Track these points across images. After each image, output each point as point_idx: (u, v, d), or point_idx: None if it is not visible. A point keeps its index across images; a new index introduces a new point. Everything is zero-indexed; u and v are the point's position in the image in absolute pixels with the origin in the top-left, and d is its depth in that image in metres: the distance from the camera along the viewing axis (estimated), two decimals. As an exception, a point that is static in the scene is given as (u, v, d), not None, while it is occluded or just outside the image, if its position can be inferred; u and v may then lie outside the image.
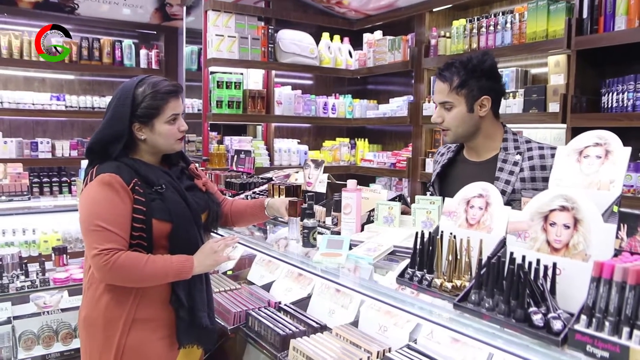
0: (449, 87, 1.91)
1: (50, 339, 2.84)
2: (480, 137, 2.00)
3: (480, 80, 1.90)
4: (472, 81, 1.89)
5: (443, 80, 1.93)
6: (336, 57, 4.92)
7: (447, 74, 1.92)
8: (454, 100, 1.92)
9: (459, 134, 1.98)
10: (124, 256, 1.71)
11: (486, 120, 1.97)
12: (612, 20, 2.88)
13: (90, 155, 1.90)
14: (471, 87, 1.90)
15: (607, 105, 2.97)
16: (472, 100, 1.91)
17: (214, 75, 4.29)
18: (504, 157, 1.95)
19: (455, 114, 1.93)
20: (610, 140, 1.45)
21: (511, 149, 1.96)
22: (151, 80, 1.89)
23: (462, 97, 1.91)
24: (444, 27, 4.18)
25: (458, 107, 1.92)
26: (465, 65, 1.89)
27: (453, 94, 1.91)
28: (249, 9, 4.44)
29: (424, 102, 4.21)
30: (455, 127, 1.95)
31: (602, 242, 1.13)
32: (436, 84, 1.99)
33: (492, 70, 1.93)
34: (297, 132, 5.20)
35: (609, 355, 0.93)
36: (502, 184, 1.91)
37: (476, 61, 1.90)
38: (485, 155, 2.03)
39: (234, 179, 3.04)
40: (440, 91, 1.95)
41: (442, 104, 1.95)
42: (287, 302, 2.31)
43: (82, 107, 4.82)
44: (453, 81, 1.90)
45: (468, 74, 1.89)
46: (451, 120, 1.95)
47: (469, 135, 1.99)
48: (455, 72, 1.90)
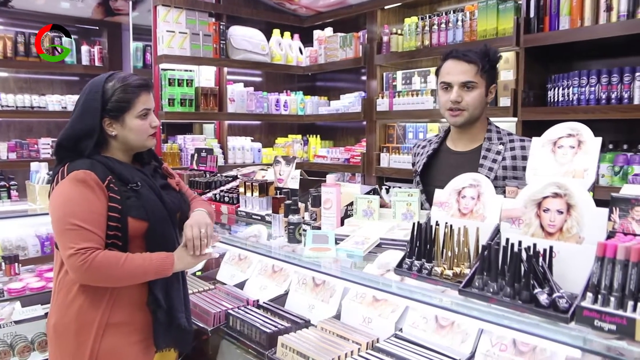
0: (476, 68, 2.00)
1: (5, 354, 2.66)
2: (477, 123, 2.10)
3: (494, 69, 2.06)
4: (491, 69, 2.03)
5: (468, 61, 2.00)
6: (287, 53, 4.92)
7: (473, 56, 2.01)
8: (478, 82, 2.01)
9: (473, 115, 2.05)
10: (101, 255, 1.65)
11: (486, 108, 2.10)
12: (556, 19, 3.07)
13: (59, 153, 1.81)
14: (489, 73, 2.04)
15: (553, 100, 3.17)
16: (489, 84, 2.05)
17: (166, 72, 4.17)
18: (488, 146, 2.06)
19: (476, 95, 2.02)
20: (582, 131, 1.55)
21: (494, 139, 2.08)
22: (120, 75, 1.84)
23: (484, 80, 2.02)
24: (395, 24, 4.29)
25: (479, 89, 2.02)
26: (487, 54, 2.02)
27: (478, 75, 2.01)
28: (200, 5, 4.35)
29: (378, 97, 4.29)
30: (473, 109, 2.03)
31: (594, 225, 1.22)
32: (454, 65, 2.03)
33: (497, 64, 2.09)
34: (249, 129, 5.15)
35: (616, 328, 1.01)
36: (485, 170, 2.02)
37: (493, 52, 2.04)
38: (470, 145, 2.12)
39: (197, 177, 2.98)
40: (464, 72, 2.01)
41: (465, 84, 2.01)
42: (264, 299, 2.30)
43: (19, 106, 4.54)
44: (479, 64, 2.00)
45: (489, 61, 2.02)
46: (471, 100, 2.02)
47: (476, 119, 2.07)
48: (479, 56, 2.01)
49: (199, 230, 1.80)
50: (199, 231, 1.79)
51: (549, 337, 1.08)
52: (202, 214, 1.91)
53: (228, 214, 2.65)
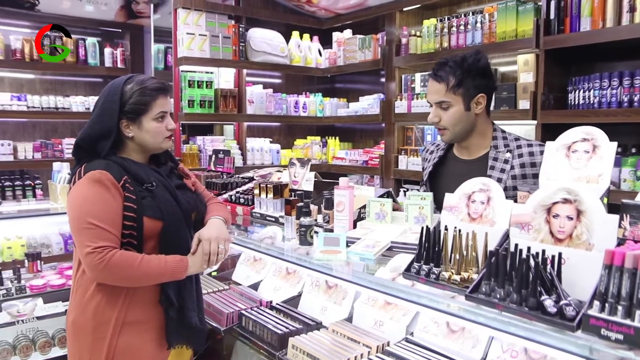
0: (445, 87, 1.93)
1: (27, 348, 2.74)
2: (474, 135, 2.03)
3: (475, 78, 1.93)
4: (468, 80, 1.92)
5: (439, 80, 1.95)
6: (306, 55, 4.94)
7: (443, 73, 1.93)
8: (451, 100, 1.94)
9: (456, 133, 2.00)
10: (118, 255, 1.68)
11: (480, 118, 2.01)
12: (577, 21, 3.02)
13: (78, 153, 1.86)
14: (467, 86, 1.92)
15: (574, 102, 3.12)
16: (468, 99, 1.94)
17: (185, 74, 4.23)
18: (495, 155, 2.00)
19: (452, 113, 1.96)
20: (597, 135, 1.53)
21: (501, 147, 2.01)
22: (139, 77, 1.88)
23: (459, 96, 1.93)
24: (414, 26, 4.27)
25: (455, 107, 1.95)
26: (461, 65, 1.92)
27: (450, 93, 1.93)
28: (219, 7, 4.40)
29: (396, 99, 4.28)
30: (452, 127, 1.98)
31: (605, 231, 1.20)
32: (430, 84, 2.00)
33: (486, 68, 1.97)
34: (268, 131, 5.19)
35: (624, 338, 0.99)
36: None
37: (471, 60, 1.92)
38: (476, 153, 2.07)
39: (214, 179, 3.02)
40: (436, 91, 1.96)
41: (439, 104, 1.97)
42: (278, 301, 2.32)
43: (44, 107, 4.65)
44: (450, 81, 1.92)
45: (464, 73, 1.91)
46: (448, 119, 1.97)
47: (466, 133, 2.02)
48: (451, 71, 1.92)
49: (217, 246, 1.83)
50: (216, 247, 1.83)
51: (554, 346, 1.07)
52: (220, 224, 1.93)
53: (243, 215, 2.68)
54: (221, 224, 1.95)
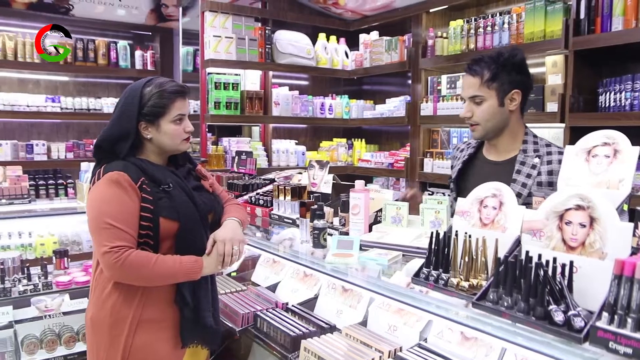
0: (480, 80, 1.92)
1: (53, 342, 2.82)
2: (505, 134, 2.00)
3: (510, 74, 1.91)
4: (503, 74, 1.90)
5: (473, 74, 1.94)
6: (332, 57, 4.94)
7: (478, 67, 1.93)
8: (484, 94, 1.93)
9: (488, 129, 1.98)
10: (134, 254, 1.71)
11: (513, 116, 1.98)
12: (609, 20, 2.92)
13: (98, 154, 1.90)
14: (502, 80, 1.91)
15: (605, 105, 3.02)
16: (503, 94, 1.92)
17: (212, 76, 4.29)
18: (523, 159, 1.96)
19: (485, 108, 1.94)
20: (619, 139, 1.48)
21: (530, 151, 1.97)
22: (158, 80, 1.91)
23: (494, 90, 1.92)
24: (441, 28, 4.21)
25: (489, 101, 1.93)
26: (497, 59, 1.91)
27: (484, 87, 1.92)
28: (246, 10, 4.44)
29: (422, 102, 4.23)
30: (485, 122, 1.96)
31: (618, 240, 1.15)
32: (465, 78, 1.99)
33: (522, 64, 1.95)
34: (294, 132, 5.20)
35: (632, 352, 0.95)
36: (518, 186, 1.92)
37: (507, 55, 1.92)
38: (505, 155, 2.03)
39: (236, 180, 3.04)
40: (470, 85, 1.95)
41: (472, 98, 1.96)
42: (294, 302, 2.32)
43: (77, 108, 4.79)
44: (484, 75, 1.91)
45: (499, 67, 1.90)
46: (481, 114, 1.95)
47: (497, 130, 1.99)
48: (486, 65, 1.91)
49: (231, 247, 1.85)
50: (231, 248, 1.84)
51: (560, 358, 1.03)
52: (235, 226, 1.95)
53: (262, 217, 2.69)
54: (236, 225, 1.96)
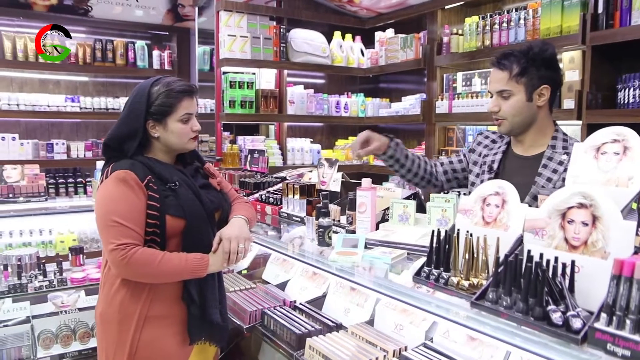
0: (508, 74, 1.89)
1: (68, 338, 2.88)
2: (532, 130, 1.97)
3: (540, 69, 1.88)
4: (532, 69, 1.87)
5: (502, 68, 1.91)
6: (348, 55, 4.92)
7: (507, 62, 1.90)
8: (513, 89, 1.90)
9: (515, 124, 1.94)
10: (140, 251, 1.73)
11: (542, 112, 1.95)
12: (628, 14, 2.84)
13: (106, 152, 1.93)
14: (531, 75, 1.88)
15: (624, 101, 2.94)
16: (531, 88, 1.89)
17: (227, 75, 4.31)
18: (550, 154, 1.93)
19: (513, 102, 1.91)
20: (629, 136, 1.44)
21: (559, 147, 1.93)
22: (166, 79, 1.93)
23: (522, 85, 1.89)
24: (456, 25, 4.16)
25: (517, 96, 1.90)
26: (526, 54, 1.88)
27: (512, 82, 1.89)
28: (261, 9, 4.45)
29: (437, 100, 4.19)
30: (512, 117, 1.92)
31: (621, 239, 1.12)
32: (493, 73, 1.96)
33: (552, 59, 1.92)
34: (309, 131, 5.20)
35: (631, 354, 0.92)
36: (543, 180, 1.89)
37: (537, 49, 1.88)
38: (532, 150, 2.00)
39: (247, 178, 3.06)
40: (498, 80, 1.92)
41: (500, 93, 1.93)
42: (303, 301, 2.31)
43: (96, 108, 4.88)
44: (513, 69, 1.88)
45: (529, 61, 1.87)
46: (508, 109, 1.92)
47: (525, 126, 1.95)
48: (515, 60, 1.89)
49: (237, 245, 1.85)
50: (236, 246, 1.85)
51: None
52: (242, 223, 1.95)
53: (272, 215, 2.70)
54: (243, 223, 1.96)
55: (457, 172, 2.29)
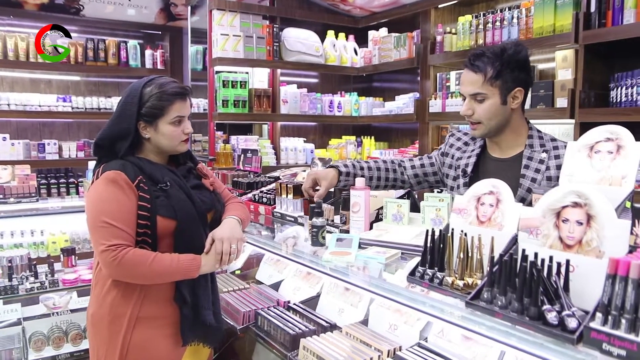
0: (482, 77, 1.83)
1: (60, 339, 2.85)
2: (507, 131, 1.93)
3: (514, 71, 1.83)
4: (506, 72, 1.82)
5: (476, 70, 1.85)
6: (341, 55, 4.91)
7: (480, 64, 1.84)
8: (487, 92, 1.84)
9: (491, 127, 1.90)
10: (131, 252, 1.72)
11: (515, 114, 1.91)
12: (620, 13, 2.86)
13: (97, 152, 1.91)
14: (506, 78, 1.83)
15: (616, 100, 2.95)
16: (506, 92, 1.85)
17: (220, 74, 4.29)
18: (530, 154, 1.90)
19: (488, 106, 1.86)
20: (622, 135, 1.43)
21: (537, 146, 1.91)
22: (160, 80, 1.90)
23: (497, 88, 1.84)
24: (450, 23, 4.16)
25: (491, 99, 1.85)
26: (500, 55, 1.83)
27: (487, 85, 1.83)
28: (254, 8, 4.43)
29: (431, 99, 4.19)
30: (487, 120, 1.88)
31: (616, 238, 1.11)
32: (466, 74, 1.90)
33: (526, 61, 1.88)
34: (303, 130, 5.19)
35: (626, 354, 0.92)
36: (528, 181, 1.87)
37: (511, 51, 1.83)
38: (509, 152, 1.97)
39: (241, 178, 3.04)
40: (472, 82, 1.86)
41: (474, 96, 1.87)
42: (296, 301, 2.30)
43: (88, 108, 4.84)
44: (487, 72, 1.83)
45: (503, 64, 1.82)
46: (483, 112, 1.87)
47: (500, 128, 1.91)
48: (489, 62, 1.83)
49: (229, 245, 1.84)
50: (229, 247, 1.83)
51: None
52: (234, 224, 1.93)
53: (265, 215, 2.68)
54: (235, 223, 1.95)
55: (427, 175, 2.25)
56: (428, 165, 2.25)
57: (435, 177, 2.24)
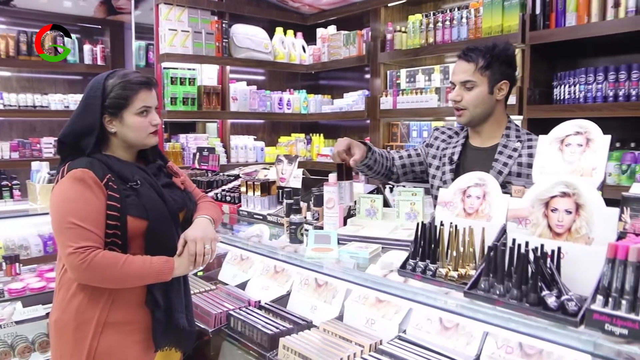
0: (474, 66, 2.00)
1: (6, 354, 2.64)
2: (489, 122, 2.09)
3: (502, 65, 2.01)
4: (496, 64, 1.99)
5: (468, 60, 2.01)
6: (290, 52, 4.89)
7: (473, 54, 2.01)
8: (477, 80, 2.00)
9: (475, 115, 2.05)
10: (100, 255, 1.63)
11: (499, 106, 2.07)
12: (563, 16, 3.03)
13: (62, 151, 1.80)
14: (494, 70, 2.00)
15: (560, 97, 3.13)
16: (493, 82, 2.01)
17: (167, 71, 4.15)
18: (505, 142, 2.06)
19: (476, 93, 2.01)
20: (591, 129, 1.51)
21: (512, 136, 2.07)
22: (122, 71, 1.83)
23: (486, 77, 2.00)
24: (399, 22, 4.25)
25: (480, 87, 2.01)
26: (492, 49, 2.00)
27: (477, 74, 2.00)
28: (202, 3, 4.32)
29: (381, 96, 4.26)
30: (473, 107, 2.03)
31: (604, 225, 1.18)
32: (458, 64, 2.06)
33: (513, 58, 2.07)
34: (252, 128, 5.13)
35: (628, 332, 0.97)
36: (500, 165, 2.02)
37: (501, 47, 2.02)
38: (488, 142, 2.11)
39: (199, 177, 2.95)
40: (464, 70, 2.02)
41: (464, 83, 2.02)
42: (266, 300, 2.27)
43: (21, 105, 4.53)
44: (479, 62, 1.99)
45: (493, 57, 1.99)
46: (471, 99, 2.02)
47: (483, 117, 2.07)
48: (481, 54, 2.00)
49: (202, 246, 1.77)
50: (202, 247, 1.77)
51: (558, 342, 1.05)
52: (206, 223, 1.87)
53: (230, 214, 2.63)
54: (207, 223, 1.89)
55: (414, 166, 2.36)
56: (414, 155, 2.36)
57: (421, 167, 2.36)
